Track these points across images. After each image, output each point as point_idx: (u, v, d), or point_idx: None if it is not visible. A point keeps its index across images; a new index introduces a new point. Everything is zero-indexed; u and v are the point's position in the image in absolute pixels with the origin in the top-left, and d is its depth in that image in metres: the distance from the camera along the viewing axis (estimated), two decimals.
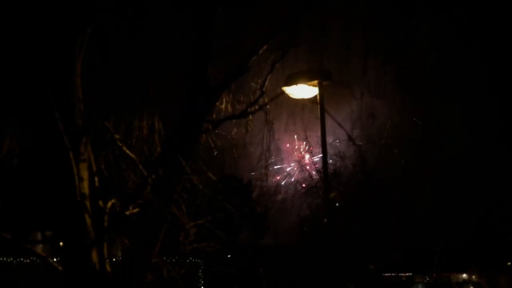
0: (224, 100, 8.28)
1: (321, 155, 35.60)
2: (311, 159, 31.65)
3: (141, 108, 8.56)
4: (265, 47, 7.47)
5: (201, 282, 28.84)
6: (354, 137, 34.50)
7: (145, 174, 7.25)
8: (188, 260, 28.50)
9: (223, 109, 8.36)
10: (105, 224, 6.45)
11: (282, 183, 40.21)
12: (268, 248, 40.14)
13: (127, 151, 7.69)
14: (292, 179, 37.41)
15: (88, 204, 6.43)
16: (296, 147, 36.44)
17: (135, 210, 6.56)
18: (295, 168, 35.68)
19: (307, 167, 32.18)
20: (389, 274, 40.58)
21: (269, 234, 45.09)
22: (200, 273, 29.03)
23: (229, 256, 39.63)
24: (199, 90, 7.08)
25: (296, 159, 34.76)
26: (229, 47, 8.38)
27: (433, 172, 33.58)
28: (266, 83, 8.38)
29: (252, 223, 44.31)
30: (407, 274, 43.38)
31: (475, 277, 34.08)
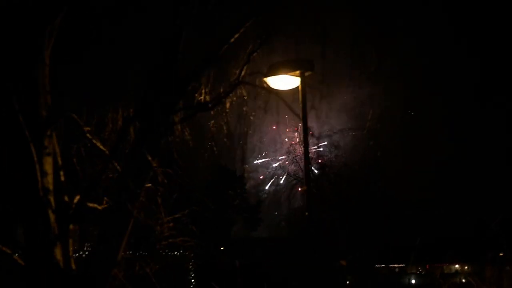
0: (203, 91, 8.03)
1: (315, 146, 35.49)
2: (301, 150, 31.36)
3: (117, 100, 8.30)
4: (236, 35, 7.20)
5: (191, 275, 28.65)
6: (347, 128, 34.34)
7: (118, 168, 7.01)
8: (178, 253, 28.42)
9: (202, 100, 8.11)
10: (70, 220, 6.20)
11: (274, 175, 39.93)
12: (260, 240, 40.00)
13: (98, 144, 7.42)
14: (282, 171, 37.16)
15: (52, 199, 6.18)
16: (286, 139, 36.13)
17: (101, 206, 6.30)
18: (286, 160, 35.43)
19: (298, 158, 31.92)
20: (382, 265, 40.54)
21: (262, 226, 44.94)
22: (191, 266, 28.85)
23: (222, 248, 39.49)
24: (168, 82, 6.80)
25: (287, 150, 34.45)
26: (202, 39, 8.09)
27: (419, 164, 33.43)
28: (243, 73, 8.11)
29: (244, 215, 44.13)
30: (400, 265, 43.34)
31: (467, 268, 34.05)
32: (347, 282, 32.69)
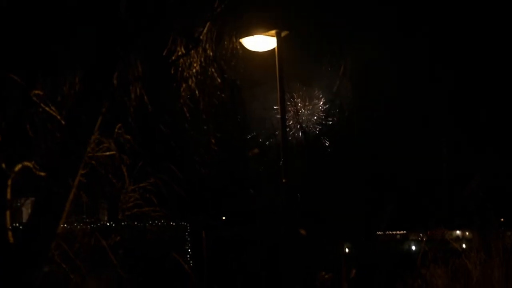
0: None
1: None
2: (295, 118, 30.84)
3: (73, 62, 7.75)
4: None
5: (188, 245, 28.41)
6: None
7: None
8: (174, 224, 28.19)
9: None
10: (8, 189, 5.76)
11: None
12: (260, 211, 39.69)
13: (47, 109, 6.93)
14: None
15: None
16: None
17: (42, 173, 5.85)
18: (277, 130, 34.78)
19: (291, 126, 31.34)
20: (383, 232, 40.31)
21: (264, 196, 44.60)
22: (187, 236, 28.59)
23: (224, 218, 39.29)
24: (111, 35, 6.20)
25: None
26: None
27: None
28: (205, 30, 7.54)
29: (245, 185, 43.84)
30: (402, 232, 43.12)
31: (468, 234, 33.69)
32: (346, 250, 32.49)
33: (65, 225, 7.59)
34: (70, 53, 6.69)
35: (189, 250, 29.10)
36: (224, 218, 38.04)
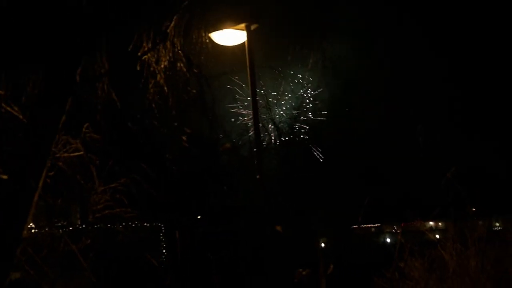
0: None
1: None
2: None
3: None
4: None
5: (163, 246, 28.12)
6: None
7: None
8: (148, 225, 27.82)
9: None
10: None
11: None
12: (235, 208, 39.50)
13: (9, 109, 6.63)
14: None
15: None
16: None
17: (4, 176, 5.57)
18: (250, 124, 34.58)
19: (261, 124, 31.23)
20: (358, 226, 40.57)
21: (239, 193, 44.38)
22: (162, 237, 28.30)
23: (199, 217, 38.94)
24: (73, 29, 5.91)
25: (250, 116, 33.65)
26: None
27: None
28: (172, 24, 7.30)
29: (219, 182, 43.55)
30: (376, 225, 43.46)
31: (441, 224, 34.06)
32: (322, 245, 32.55)
33: (33, 230, 7.33)
34: (32, 50, 6.39)
35: (164, 251, 28.81)
36: (199, 217, 37.75)
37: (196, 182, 34.23)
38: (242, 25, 9.91)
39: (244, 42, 10.04)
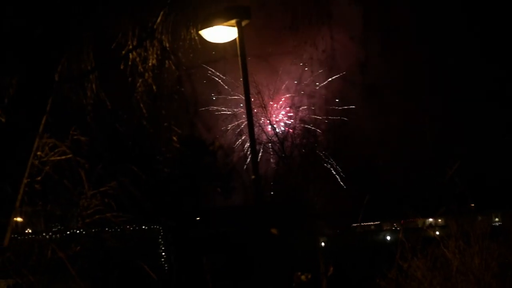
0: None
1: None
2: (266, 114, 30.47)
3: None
4: None
5: (161, 249, 27.76)
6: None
7: None
8: (146, 227, 27.48)
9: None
10: None
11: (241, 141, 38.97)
12: (233, 209, 39.26)
13: None
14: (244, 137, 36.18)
15: None
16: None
17: None
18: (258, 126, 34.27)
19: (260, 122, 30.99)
20: (358, 224, 40.30)
21: (237, 193, 44.14)
22: (160, 240, 27.94)
23: (197, 218, 38.63)
24: (50, 25, 5.59)
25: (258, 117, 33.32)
26: None
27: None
28: (158, 19, 7.02)
29: (217, 184, 43.26)
30: (376, 222, 43.20)
31: (441, 221, 33.79)
32: (322, 243, 32.27)
33: (19, 237, 7.04)
34: (10, 49, 6.09)
35: (163, 254, 28.47)
36: (195, 219, 37.47)
37: (189, 183, 33.95)
38: (233, 21, 9.61)
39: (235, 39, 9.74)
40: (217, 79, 36.82)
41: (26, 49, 5.62)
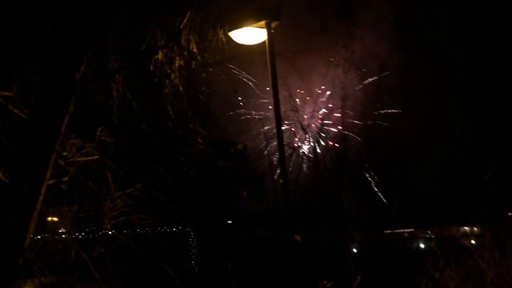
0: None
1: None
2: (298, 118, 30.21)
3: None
4: None
5: (192, 251, 27.64)
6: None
7: None
8: (175, 229, 27.47)
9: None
10: None
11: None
12: (264, 213, 39.04)
13: (16, 111, 6.32)
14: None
15: None
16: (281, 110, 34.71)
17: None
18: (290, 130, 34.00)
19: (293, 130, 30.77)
20: (390, 231, 39.71)
21: (268, 198, 43.93)
22: (191, 242, 27.81)
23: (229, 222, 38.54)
24: (72, 24, 5.51)
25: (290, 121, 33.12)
26: None
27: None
28: (185, 20, 6.92)
29: (249, 188, 43.15)
30: (409, 230, 42.47)
31: (476, 230, 33.00)
32: (354, 250, 31.83)
33: (37, 237, 7.03)
34: (36, 48, 6.07)
35: (193, 256, 28.38)
36: (229, 222, 37.37)
37: (218, 186, 33.85)
38: (262, 23, 9.46)
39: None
40: (248, 82, 36.70)
41: (49, 48, 5.59)
